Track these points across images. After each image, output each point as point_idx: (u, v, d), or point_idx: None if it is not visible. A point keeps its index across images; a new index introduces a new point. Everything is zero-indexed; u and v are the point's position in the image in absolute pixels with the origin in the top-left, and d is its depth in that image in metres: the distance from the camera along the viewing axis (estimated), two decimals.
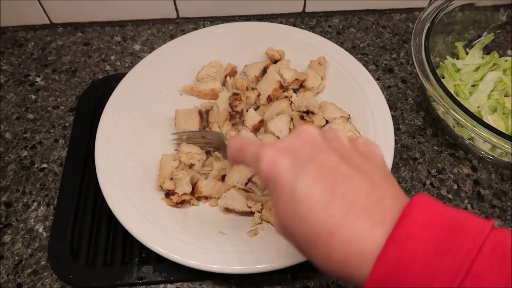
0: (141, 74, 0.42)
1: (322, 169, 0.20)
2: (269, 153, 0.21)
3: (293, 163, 0.20)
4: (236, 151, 0.25)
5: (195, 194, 0.34)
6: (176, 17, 0.51)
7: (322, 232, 0.18)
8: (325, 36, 0.49)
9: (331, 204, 0.19)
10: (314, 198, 0.19)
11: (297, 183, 0.19)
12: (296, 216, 0.19)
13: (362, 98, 0.40)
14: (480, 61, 0.42)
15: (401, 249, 0.16)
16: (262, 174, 0.21)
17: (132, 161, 0.36)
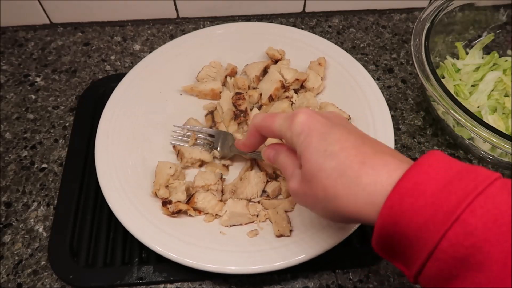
0: (141, 74, 0.42)
1: (351, 130, 0.24)
2: (306, 111, 0.25)
3: (327, 121, 0.24)
4: (264, 118, 0.28)
5: (190, 205, 0.33)
6: (176, 17, 0.51)
7: (353, 162, 0.21)
8: (325, 36, 0.49)
9: (362, 147, 0.22)
10: (348, 140, 0.23)
11: (332, 129, 0.23)
12: (327, 154, 0.22)
13: (362, 99, 0.40)
14: (480, 61, 0.42)
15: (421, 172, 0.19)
16: (296, 125, 0.24)
17: (132, 161, 0.36)
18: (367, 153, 0.22)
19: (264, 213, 0.34)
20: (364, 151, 0.22)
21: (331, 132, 0.23)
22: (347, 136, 0.23)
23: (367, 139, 0.24)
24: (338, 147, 0.22)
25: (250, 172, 0.35)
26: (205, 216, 0.34)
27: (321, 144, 0.23)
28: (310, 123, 0.24)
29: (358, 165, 0.21)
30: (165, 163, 0.36)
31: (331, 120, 0.25)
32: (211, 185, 0.34)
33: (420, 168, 0.19)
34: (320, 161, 0.22)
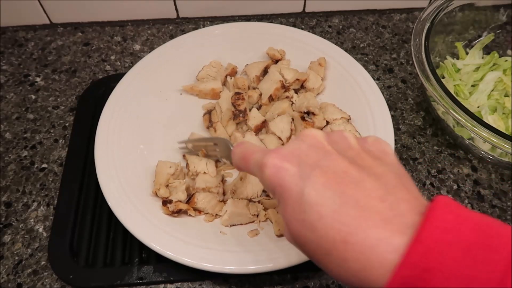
0: (140, 73, 0.42)
1: (330, 174, 0.19)
2: (272, 160, 0.20)
3: (299, 169, 0.19)
4: (240, 159, 0.24)
5: (190, 205, 0.33)
6: (176, 17, 0.51)
7: (336, 240, 0.17)
8: (325, 36, 0.49)
9: (343, 211, 0.18)
10: (324, 204, 0.18)
11: (304, 190, 0.18)
12: (306, 224, 0.18)
13: (362, 99, 0.40)
14: (480, 61, 0.42)
15: (428, 253, 0.15)
16: (266, 181, 0.21)
17: (132, 160, 0.36)
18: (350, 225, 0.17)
19: (264, 212, 0.34)
20: (345, 222, 0.17)
21: (305, 192, 0.18)
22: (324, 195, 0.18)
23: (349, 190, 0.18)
24: (315, 216, 0.18)
25: None
26: (205, 216, 0.34)
27: (296, 212, 0.19)
28: (280, 180, 0.20)
29: (341, 245, 0.17)
30: (165, 163, 0.36)
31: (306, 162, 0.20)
32: (212, 188, 0.34)
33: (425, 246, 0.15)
34: (301, 233, 0.19)
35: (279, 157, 0.20)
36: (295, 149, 0.21)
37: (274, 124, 0.38)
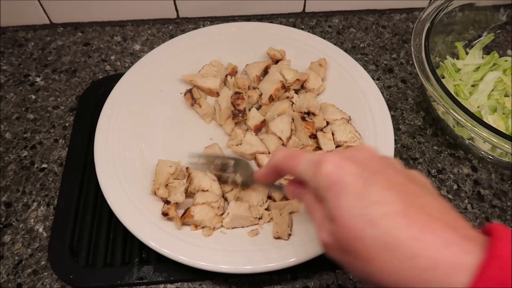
0: (140, 73, 0.42)
1: (391, 182, 0.19)
2: (333, 158, 0.21)
3: (361, 170, 0.20)
4: (286, 158, 0.24)
5: (185, 218, 0.33)
6: (176, 17, 0.51)
7: (403, 237, 0.17)
8: (325, 36, 0.49)
9: (410, 212, 0.18)
10: (391, 203, 0.18)
11: (369, 187, 0.19)
12: (366, 220, 0.18)
13: (362, 99, 0.40)
14: (480, 61, 0.42)
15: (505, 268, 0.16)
16: (322, 177, 0.21)
17: (132, 160, 0.36)
18: (419, 223, 0.17)
19: (268, 213, 0.34)
20: (414, 220, 0.18)
21: (368, 190, 0.19)
22: (388, 195, 0.19)
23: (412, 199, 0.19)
24: (380, 212, 0.18)
25: None
26: (203, 230, 0.33)
27: (356, 206, 0.19)
28: (340, 176, 0.20)
29: (409, 241, 0.17)
30: (166, 162, 0.36)
31: (366, 167, 0.20)
32: (212, 202, 0.34)
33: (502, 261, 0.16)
34: (357, 227, 0.19)
35: (339, 158, 0.21)
36: (354, 155, 0.21)
37: (274, 124, 0.38)
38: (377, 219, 0.18)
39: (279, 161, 0.25)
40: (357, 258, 0.19)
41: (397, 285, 0.18)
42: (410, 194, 0.19)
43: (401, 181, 0.20)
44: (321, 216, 0.22)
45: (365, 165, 0.20)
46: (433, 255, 0.17)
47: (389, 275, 0.18)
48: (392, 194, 0.19)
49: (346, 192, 0.19)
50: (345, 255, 0.20)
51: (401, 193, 0.19)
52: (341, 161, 0.20)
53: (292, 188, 0.26)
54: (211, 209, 0.34)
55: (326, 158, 0.21)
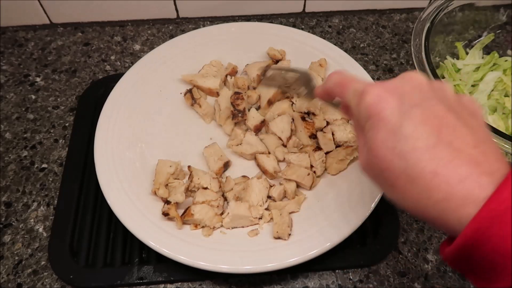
0: (140, 73, 0.42)
1: (428, 115, 0.20)
2: (376, 90, 0.21)
3: (400, 104, 0.20)
4: (337, 84, 0.25)
5: (185, 217, 0.33)
6: (176, 17, 0.51)
7: (425, 171, 0.19)
8: (325, 36, 0.49)
9: (437, 148, 0.19)
10: (420, 139, 0.19)
11: (403, 122, 0.20)
12: (396, 153, 0.20)
13: None
14: (480, 61, 0.42)
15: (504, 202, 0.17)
16: (363, 108, 0.22)
17: (132, 159, 0.37)
18: (442, 159, 0.18)
19: (268, 213, 0.34)
20: (438, 156, 0.19)
21: (402, 125, 0.20)
22: (420, 130, 0.19)
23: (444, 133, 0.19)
24: (409, 146, 0.19)
25: (251, 180, 0.35)
26: (203, 230, 0.33)
27: (389, 140, 0.20)
28: (379, 109, 0.21)
29: (429, 175, 0.19)
30: (166, 162, 0.36)
31: (406, 99, 0.20)
32: (212, 201, 0.34)
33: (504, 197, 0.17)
34: (387, 158, 0.20)
35: (382, 89, 0.21)
36: (398, 86, 0.22)
37: (275, 124, 0.38)
38: (405, 153, 0.19)
39: (330, 87, 0.26)
40: (386, 185, 0.21)
41: (416, 211, 0.20)
42: (445, 128, 0.19)
43: (440, 113, 0.20)
44: (361, 142, 0.23)
45: (407, 97, 0.21)
46: (447, 189, 0.18)
47: (409, 203, 0.20)
48: (424, 129, 0.19)
49: (383, 124, 0.20)
50: (377, 180, 0.22)
51: (435, 128, 0.19)
52: (383, 93, 0.21)
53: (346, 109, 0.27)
54: (211, 208, 0.34)
55: (369, 89, 0.21)
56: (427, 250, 0.35)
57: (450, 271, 0.34)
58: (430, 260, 0.35)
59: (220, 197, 0.35)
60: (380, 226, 0.36)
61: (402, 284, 0.33)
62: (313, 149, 0.37)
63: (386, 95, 0.21)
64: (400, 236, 0.36)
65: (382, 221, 0.36)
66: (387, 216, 0.36)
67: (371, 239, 0.35)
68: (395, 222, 0.36)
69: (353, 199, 0.34)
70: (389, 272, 0.34)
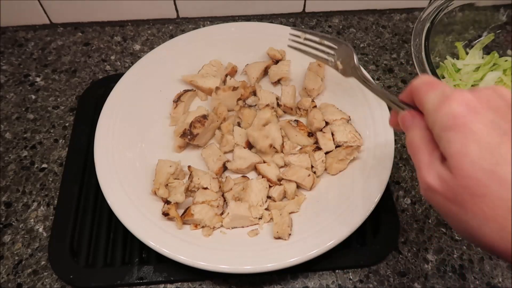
0: (140, 72, 0.42)
1: None
2: (466, 97, 0.19)
3: (495, 121, 0.18)
4: (425, 83, 0.22)
5: (185, 217, 0.33)
6: (176, 17, 0.51)
7: None
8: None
9: None
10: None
11: (503, 142, 0.17)
12: (494, 177, 0.17)
13: (362, 100, 0.40)
14: (480, 61, 0.42)
15: None
16: (444, 114, 0.19)
17: (132, 159, 0.37)
18: None
19: (268, 213, 0.34)
20: None
21: (503, 145, 0.17)
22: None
23: None
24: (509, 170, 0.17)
25: (251, 180, 0.35)
26: (203, 230, 0.33)
27: (485, 160, 0.17)
28: (468, 120, 0.18)
29: None
30: (166, 162, 0.36)
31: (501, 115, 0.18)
32: (212, 201, 0.34)
33: None
34: (482, 183, 0.17)
35: (475, 98, 0.19)
36: (492, 99, 0.19)
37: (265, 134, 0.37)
38: (505, 176, 0.17)
39: (417, 84, 0.22)
40: (468, 213, 0.18)
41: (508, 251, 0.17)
42: None
43: None
44: (429, 156, 0.20)
45: (502, 113, 0.18)
46: None
47: (502, 239, 0.17)
48: None
49: (473, 140, 0.18)
50: (452, 206, 0.19)
51: None
52: (475, 103, 0.18)
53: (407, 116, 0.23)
54: (211, 208, 0.34)
55: (457, 96, 0.19)
56: (427, 250, 0.35)
57: (450, 271, 0.34)
58: (430, 260, 0.34)
59: (220, 197, 0.35)
60: (380, 226, 0.36)
61: (402, 284, 0.33)
62: (313, 149, 0.37)
63: (478, 106, 0.18)
64: (400, 236, 0.36)
65: (382, 221, 0.36)
66: (387, 216, 0.36)
67: (371, 239, 0.35)
68: (395, 222, 0.36)
69: (353, 199, 0.34)
70: (389, 272, 0.34)
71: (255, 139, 0.37)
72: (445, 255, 0.35)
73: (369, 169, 0.35)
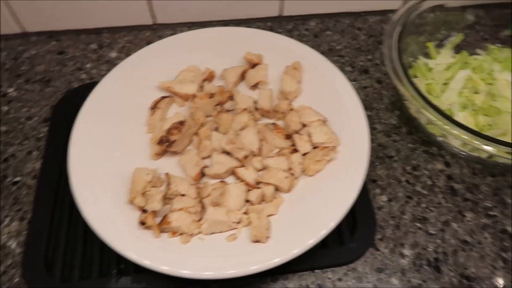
0: (116, 80, 0.41)
1: None
2: None
3: None
4: None
5: (162, 225, 0.32)
6: (153, 23, 0.51)
7: None
8: (302, 39, 0.50)
9: None
10: None
11: None
12: None
13: (338, 101, 0.40)
14: (451, 60, 0.43)
15: None
16: None
17: (108, 169, 0.36)
18: None
19: (246, 216, 0.34)
20: None
21: None
22: None
23: None
24: None
25: (229, 185, 0.35)
26: (180, 237, 0.33)
27: None
28: None
29: None
30: (143, 170, 0.35)
31: None
32: (189, 208, 0.34)
33: None
34: None
35: None
36: None
37: (243, 138, 0.38)
38: None
39: None
40: None
41: None
42: None
43: None
44: None
45: None
46: None
47: None
48: None
49: None
50: None
51: None
52: None
53: None
54: (188, 214, 0.33)
55: None
56: (403, 245, 0.36)
57: (426, 265, 0.35)
58: (406, 255, 0.35)
59: (197, 203, 0.35)
60: (357, 225, 0.36)
61: (380, 280, 0.34)
62: (291, 151, 0.37)
63: None
64: (377, 233, 0.36)
65: (359, 220, 0.36)
66: (363, 214, 0.37)
67: (348, 238, 0.36)
68: (371, 219, 0.37)
69: (330, 199, 0.34)
70: (367, 269, 0.34)
71: (231, 152, 0.37)
72: (421, 249, 0.35)
73: (345, 169, 0.36)
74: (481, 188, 0.39)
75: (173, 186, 0.35)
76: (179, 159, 0.38)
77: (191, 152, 0.38)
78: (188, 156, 0.38)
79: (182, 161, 0.38)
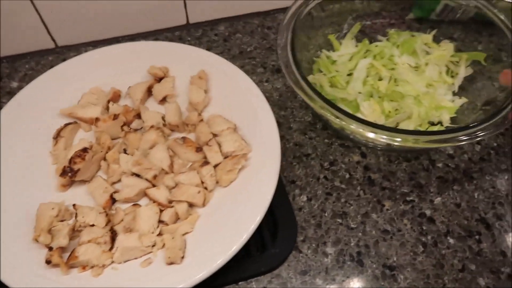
0: (15, 111, 0.39)
1: None
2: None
3: None
4: None
5: (70, 261, 0.31)
6: (55, 46, 0.48)
7: None
8: (212, 44, 0.49)
9: None
10: None
11: None
12: None
13: (247, 106, 0.40)
14: (354, 49, 0.44)
15: None
16: None
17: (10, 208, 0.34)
18: None
19: (161, 238, 0.33)
20: None
21: None
22: None
23: None
24: None
25: (139, 208, 0.34)
26: (91, 270, 0.31)
27: None
28: None
29: None
30: (47, 205, 0.33)
31: None
32: (98, 238, 0.32)
33: None
34: None
35: None
36: None
37: (152, 157, 0.36)
38: None
39: None
40: None
41: None
42: None
43: None
44: None
45: None
46: None
47: None
48: None
49: None
50: None
51: None
52: None
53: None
54: (97, 245, 0.32)
55: None
56: (326, 243, 0.36)
57: (349, 260, 0.35)
58: (329, 253, 0.35)
59: (107, 232, 0.33)
60: (278, 229, 0.36)
61: (304, 283, 0.34)
62: (200, 164, 0.36)
63: None
64: (298, 235, 0.36)
65: (279, 224, 0.36)
66: (283, 217, 0.36)
67: (270, 244, 0.35)
68: (292, 222, 0.36)
69: (247, 206, 0.33)
70: (291, 273, 0.34)
71: (139, 173, 0.36)
72: (343, 245, 0.36)
73: (259, 175, 0.35)
74: (398, 175, 0.40)
75: (79, 217, 0.33)
76: (87, 187, 0.36)
77: (98, 179, 0.36)
78: (95, 183, 0.36)
79: (90, 189, 0.36)
